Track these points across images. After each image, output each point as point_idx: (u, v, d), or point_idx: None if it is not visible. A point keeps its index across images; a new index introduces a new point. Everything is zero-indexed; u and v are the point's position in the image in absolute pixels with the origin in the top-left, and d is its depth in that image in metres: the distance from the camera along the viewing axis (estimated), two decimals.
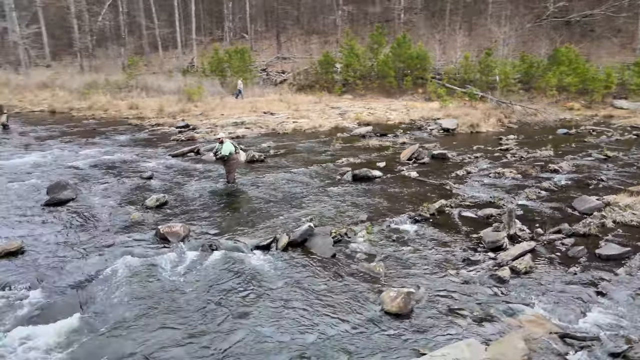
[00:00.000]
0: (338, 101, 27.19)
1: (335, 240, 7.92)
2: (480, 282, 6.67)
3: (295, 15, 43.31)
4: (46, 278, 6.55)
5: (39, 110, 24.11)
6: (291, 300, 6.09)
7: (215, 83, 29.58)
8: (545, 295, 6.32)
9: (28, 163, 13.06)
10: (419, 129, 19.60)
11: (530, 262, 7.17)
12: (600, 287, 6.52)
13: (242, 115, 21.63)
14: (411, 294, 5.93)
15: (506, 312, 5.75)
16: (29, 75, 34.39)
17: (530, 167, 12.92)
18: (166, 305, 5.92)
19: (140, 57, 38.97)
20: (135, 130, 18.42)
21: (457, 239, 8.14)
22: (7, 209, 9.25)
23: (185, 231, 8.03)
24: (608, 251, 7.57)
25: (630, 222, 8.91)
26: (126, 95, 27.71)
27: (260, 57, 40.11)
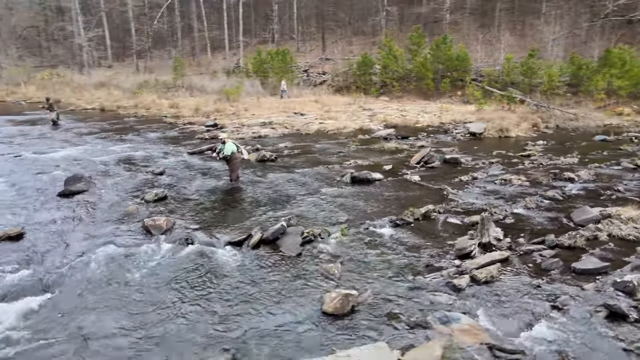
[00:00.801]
0: (373, 103, 27.12)
1: (306, 240, 8.11)
2: (433, 289, 6.63)
3: (342, 17, 43.48)
4: (29, 261, 7.26)
5: (91, 108, 25.99)
6: (239, 295, 6.38)
7: (256, 83, 30.44)
8: (495, 305, 6.19)
9: (61, 156, 14.25)
10: (445, 132, 19.22)
11: (495, 271, 7.00)
12: (559, 301, 6.27)
13: (272, 116, 22.19)
14: (350, 295, 6.03)
15: (441, 320, 5.70)
16: (90, 75, 37.07)
17: (543, 175, 12.39)
18: (123, 292, 6.40)
19: (193, 58, 40.80)
20: (167, 128, 19.46)
21: (431, 244, 8.07)
22: (25, 198, 10.23)
23: (168, 225, 8.54)
24: (584, 265, 7.22)
25: (627, 236, 8.40)
26: (172, 94, 29.23)
27: (306, 58, 40.70)
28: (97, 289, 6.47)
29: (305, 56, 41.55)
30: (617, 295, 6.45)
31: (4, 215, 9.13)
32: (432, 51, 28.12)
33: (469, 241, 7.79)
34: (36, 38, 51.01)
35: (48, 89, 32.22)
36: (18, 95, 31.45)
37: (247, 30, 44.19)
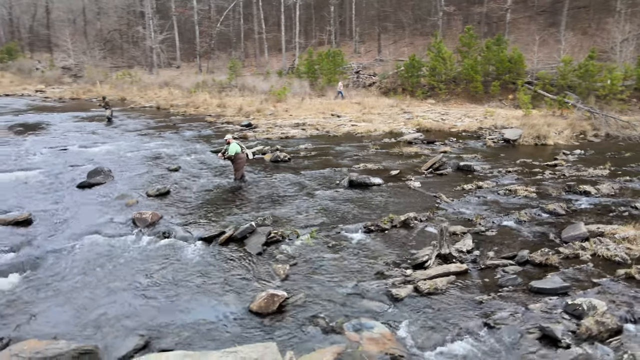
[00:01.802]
0: (417, 106, 26.64)
1: (272, 240, 8.41)
2: (371, 296, 6.66)
3: (401, 18, 42.91)
4: (25, 243, 8.21)
5: (148, 106, 27.97)
6: (184, 286, 6.83)
7: (304, 84, 31.04)
8: (424, 317, 6.13)
9: (99, 151, 15.65)
10: (477, 137, 18.54)
11: (442, 283, 6.89)
12: (494, 319, 6.07)
13: (309, 117, 22.60)
14: (276, 296, 6.25)
15: (354, 327, 5.76)
16: (158, 75, 39.75)
17: (557, 187, 11.69)
18: (86, 275, 7.10)
19: (253, 59, 42.34)
20: (204, 127, 20.54)
21: (394, 252, 8.04)
22: (48, 188, 11.45)
23: (153, 218, 9.22)
24: (543, 284, 6.88)
25: (612, 256, 7.82)
26: (226, 94, 30.64)
27: (361, 60, 40.73)
28: (67, 271, 7.23)
29: (362, 57, 41.58)
30: (563, 317, 6.13)
31: (23, 202, 10.32)
32: (483, 53, 27.03)
33: (425, 251, 7.69)
34: (118, 40, 55.43)
35: (118, 88, 35.07)
36: (93, 93, 34.49)
37: (306, 32, 45.03)
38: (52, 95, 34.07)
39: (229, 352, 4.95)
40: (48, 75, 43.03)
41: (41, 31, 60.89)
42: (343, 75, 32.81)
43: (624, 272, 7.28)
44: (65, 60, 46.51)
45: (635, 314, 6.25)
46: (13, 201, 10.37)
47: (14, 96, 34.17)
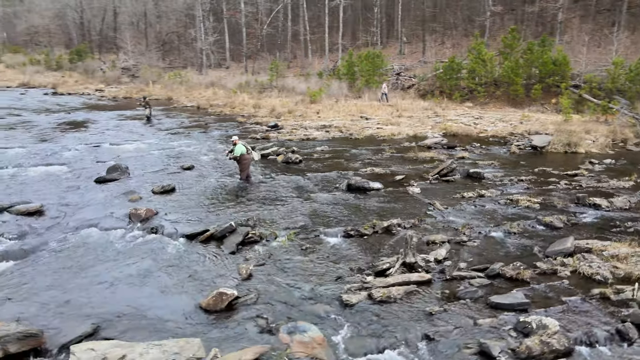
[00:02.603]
0: (454, 109, 25.98)
1: (250, 240, 8.70)
2: (322, 301, 6.77)
3: (447, 19, 41.90)
4: (30, 232, 9.00)
5: (190, 105, 29.22)
6: (150, 279, 7.26)
7: (342, 86, 31.14)
8: (367, 325, 6.16)
9: (128, 148, 16.64)
10: (504, 144, 17.86)
11: (397, 292, 6.86)
12: (437, 331, 6.00)
13: (337, 119, 22.72)
14: (224, 295, 6.50)
15: (288, 329, 5.87)
16: (207, 75, 41.34)
17: (566, 198, 11.12)
18: (69, 262, 7.71)
19: (298, 60, 43.00)
20: (233, 127, 21.21)
21: (365, 259, 8.06)
22: (67, 182, 12.39)
23: (147, 214, 9.77)
24: (503, 299, 6.68)
25: (593, 274, 7.42)
26: (266, 95, 31.39)
27: (406, 61, 40.21)
28: (50, 260, 7.88)
29: (406, 59, 41.03)
30: (510, 335, 5.96)
31: (41, 194, 11.26)
32: (526, 54, 25.88)
33: (389, 259, 7.66)
34: (176, 42, 58.10)
35: (168, 88, 36.82)
36: (144, 92, 36.38)
37: (353, 33, 45.06)
38: (108, 94, 36.37)
39: (154, 344, 5.27)
40: (109, 75, 45.94)
41: (109, 34, 65.00)
42: (383, 77, 32.57)
43: (599, 291, 6.92)
44: (126, 62, 49.40)
45: (592, 336, 5.96)
46: (33, 193, 11.33)
47: (75, 95, 36.80)
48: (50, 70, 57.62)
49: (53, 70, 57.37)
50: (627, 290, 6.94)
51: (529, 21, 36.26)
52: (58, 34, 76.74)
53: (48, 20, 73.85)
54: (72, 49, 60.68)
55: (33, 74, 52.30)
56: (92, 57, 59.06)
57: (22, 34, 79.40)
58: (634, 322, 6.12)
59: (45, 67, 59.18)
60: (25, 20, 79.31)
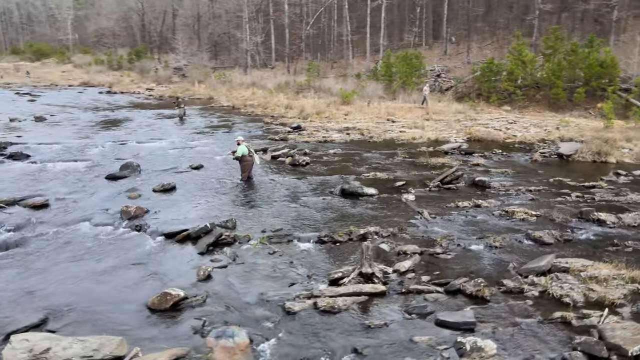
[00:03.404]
0: (489, 112, 24.96)
1: (223, 242, 8.86)
2: (267, 306, 6.80)
3: (495, 18, 40.29)
4: (27, 225, 9.67)
5: (226, 105, 30.05)
6: (113, 276, 7.59)
7: (378, 87, 30.81)
8: (298, 334, 6.13)
9: (151, 146, 17.41)
10: (528, 151, 16.95)
11: (344, 303, 6.77)
12: (365, 346, 5.86)
13: (362, 121, 22.52)
14: (169, 295, 6.68)
15: (217, 333, 5.86)
16: (251, 75, 42.30)
17: (569, 212, 10.43)
18: (43, 258, 8.22)
19: (341, 61, 43.01)
20: (257, 128, 21.58)
21: (328, 266, 7.99)
22: (80, 178, 13.16)
23: (137, 212, 10.20)
24: (448, 317, 6.42)
25: (563, 296, 6.95)
26: (303, 95, 31.67)
27: (451, 62, 39.13)
28: (33, 252, 8.45)
29: (451, 59, 39.90)
30: (443, 355, 5.72)
31: (52, 188, 12.05)
32: (570, 55, 24.34)
33: (343, 268, 7.55)
34: (226, 43, 59.87)
35: (212, 87, 38.02)
36: (189, 92, 37.91)
37: (398, 34, 44.41)
38: (156, 93, 38.13)
39: (79, 339, 5.53)
40: (160, 74, 48.16)
41: (167, 35, 68.06)
42: (421, 79, 31.87)
43: (561, 315, 6.48)
44: (178, 62, 51.55)
45: None
46: (47, 187, 12.16)
47: (126, 94, 38.92)
48: (112, 69, 61.25)
49: (114, 69, 60.94)
50: (593, 316, 6.45)
51: (584, 20, 34.08)
52: (123, 36, 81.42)
53: (113, 23, 78.54)
54: (132, 49, 64.10)
55: (96, 74, 55.89)
56: (150, 58, 62.17)
57: (91, 36, 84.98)
58: (584, 350, 5.68)
59: (107, 66, 62.99)
60: (95, 22, 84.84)
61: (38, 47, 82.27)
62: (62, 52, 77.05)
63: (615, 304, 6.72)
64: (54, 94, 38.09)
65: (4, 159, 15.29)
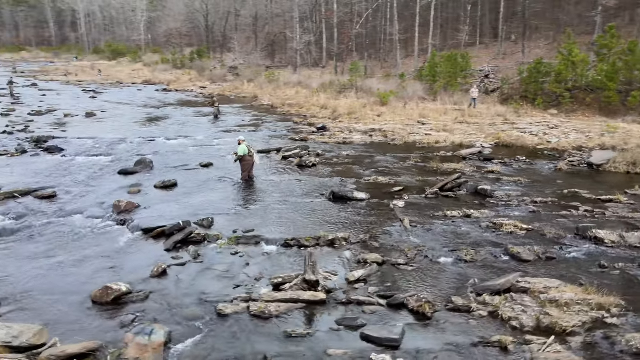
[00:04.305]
0: (533, 116, 23.42)
1: (192, 240, 9.09)
2: (202, 306, 6.91)
3: (555, 16, 37.66)
4: (29, 214, 10.46)
5: (266, 104, 30.57)
6: (76, 267, 8.04)
7: (418, 88, 29.97)
8: (215, 335, 6.20)
9: (173, 143, 18.13)
10: (556, 159, 15.73)
11: (276, 309, 6.75)
12: (277, 355, 5.82)
13: (390, 123, 22.03)
14: (110, 289, 6.97)
15: (137, 330, 6.05)
16: (299, 75, 42.72)
17: (564, 228, 9.61)
18: (25, 246, 8.86)
19: (390, 61, 42.34)
20: (284, 127, 21.74)
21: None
22: (95, 172, 13.99)
23: (127, 207, 10.70)
24: (374, 332, 6.21)
25: (512, 319, 6.49)
26: (344, 96, 31.53)
27: (505, 61, 37.18)
28: (20, 239, 9.13)
29: (505, 59, 37.90)
30: None
31: (65, 181, 12.94)
32: (625, 56, 22.24)
33: (284, 273, 7.48)
34: (282, 42, 60.85)
35: (258, 86, 38.84)
36: (237, 91, 38.98)
37: (451, 32, 42.87)
38: (207, 91, 39.57)
39: (6, 325, 5.94)
40: (215, 73, 49.88)
41: (228, 35, 70.45)
42: (466, 80, 30.55)
43: (499, 339, 6.04)
44: (234, 61, 53.16)
45: None
46: (61, 180, 13.08)
47: (181, 92, 40.68)
48: (176, 68, 64.31)
49: (178, 68, 63.97)
50: (534, 343, 5.96)
51: None
52: (190, 36, 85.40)
53: (180, 24, 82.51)
54: (193, 49, 66.97)
55: (160, 72, 58.99)
56: (210, 57, 64.61)
57: (161, 36, 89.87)
58: None
59: (172, 65, 66.30)
60: (165, 23, 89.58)
61: (115, 47, 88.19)
62: (135, 51, 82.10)
63: (567, 332, 6.15)
64: (116, 91, 40.60)
65: (41, 152, 16.60)
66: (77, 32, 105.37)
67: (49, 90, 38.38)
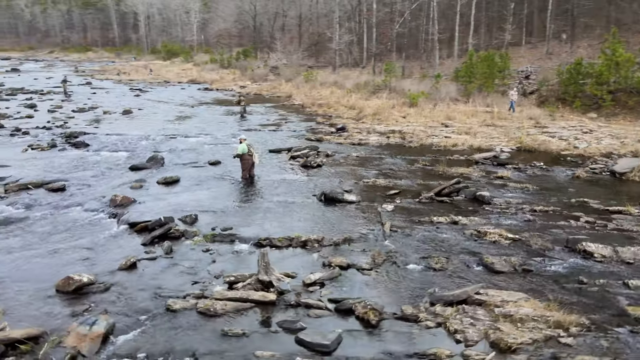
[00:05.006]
0: (569, 119, 22.12)
1: (171, 235, 9.34)
2: (155, 300, 7.09)
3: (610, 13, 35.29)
4: (34, 205, 11.15)
5: (297, 104, 30.77)
6: (53, 256, 8.49)
7: (452, 89, 29.11)
8: (159, 330, 6.34)
9: (192, 141, 18.64)
10: (577, 165, 14.76)
11: (222, 307, 6.83)
12: (205, 354, 5.87)
13: (412, 124, 21.54)
14: (72, 279, 7.30)
15: (82, 320, 6.30)
16: (338, 75, 42.70)
17: (556, 240, 9.03)
18: (24, 233, 9.44)
19: (429, 61, 41.42)
20: (305, 128, 21.77)
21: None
22: (109, 167, 14.66)
23: (122, 201, 11.16)
24: (309, 337, 6.16)
25: (457, 332, 6.23)
26: (378, 96, 31.22)
27: (550, 62, 35.38)
28: (15, 228, 9.73)
29: (552, 59, 36.02)
30: None
31: (77, 175, 13.64)
32: None
33: (237, 273, 7.53)
34: (325, 42, 61.04)
35: (295, 86, 39.18)
36: (275, 90, 39.50)
37: (493, 32, 41.23)
38: (245, 90, 40.38)
39: None
40: (257, 73, 50.82)
41: (275, 35, 71.56)
42: (504, 81, 29.33)
43: (434, 352, 5.81)
44: (277, 61, 53.92)
45: None
46: (75, 173, 13.82)
47: (221, 91, 41.77)
48: (223, 68, 66.18)
49: (224, 68, 65.76)
50: (471, 358, 5.66)
51: None
52: (239, 36, 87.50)
53: (230, 24, 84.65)
54: (239, 49, 68.54)
55: (207, 72, 60.86)
56: (256, 57, 65.87)
57: (213, 36, 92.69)
58: None
59: (219, 65, 68.25)
60: (216, 24, 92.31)
61: (170, 47, 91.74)
62: (188, 52, 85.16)
63: (512, 349, 5.80)
64: (161, 90, 42.27)
65: (68, 146, 17.60)
66: (137, 33, 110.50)
67: (100, 88, 40.52)
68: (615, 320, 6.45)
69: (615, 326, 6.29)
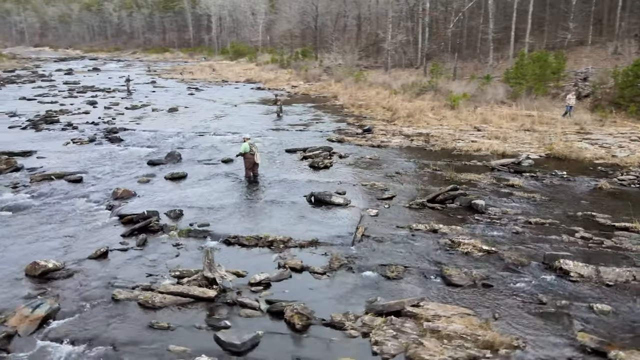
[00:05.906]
0: (620, 125, 20.24)
1: (151, 229, 9.76)
2: (104, 289, 7.47)
3: None
4: (45, 195, 12.09)
5: (338, 104, 30.72)
6: (37, 241, 9.15)
7: (499, 91, 27.68)
8: (98, 318, 6.69)
9: (216, 139, 19.23)
10: (605, 176, 13.51)
11: (160, 300, 7.07)
12: (126, 342, 6.13)
13: (443, 127, 20.76)
14: (38, 264, 7.88)
15: (30, 303, 6.79)
16: (389, 75, 42.15)
17: (535, 255, 8.37)
18: (24, 220, 10.28)
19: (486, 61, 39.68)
20: (334, 128, 21.68)
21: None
22: (130, 161, 15.50)
23: (123, 194, 11.81)
24: (225, 336, 6.24)
25: (377, 343, 6.01)
26: (422, 97, 30.49)
27: (618, 62, 32.60)
28: (17, 216, 10.61)
29: (620, 60, 33.16)
30: None
31: (98, 168, 14.57)
32: None
33: (183, 268, 7.70)
34: (381, 43, 60.38)
35: (343, 86, 39.14)
36: (324, 90, 39.66)
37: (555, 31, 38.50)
38: (295, 90, 40.94)
39: None
40: (310, 73, 51.28)
41: (333, 36, 71.85)
42: (558, 83, 27.43)
43: None
44: (333, 61, 54.13)
45: None
46: (97, 167, 14.77)
47: (271, 90, 42.61)
48: (282, 68, 67.53)
49: (283, 68, 67.08)
50: None
51: None
52: (301, 37, 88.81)
53: (293, 25, 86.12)
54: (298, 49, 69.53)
55: (266, 72, 62.37)
56: (315, 57, 66.50)
57: (277, 37, 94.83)
58: None
59: (279, 65, 69.69)
60: (280, 25, 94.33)
61: (237, 47, 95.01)
62: (253, 52, 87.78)
63: None
64: (216, 89, 43.88)
65: (105, 141, 18.83)
66: (210, 34, 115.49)
67: (161, 87, 42.74)
68: (556, 346, 5.90)
69: (552, 352, 5.76)
